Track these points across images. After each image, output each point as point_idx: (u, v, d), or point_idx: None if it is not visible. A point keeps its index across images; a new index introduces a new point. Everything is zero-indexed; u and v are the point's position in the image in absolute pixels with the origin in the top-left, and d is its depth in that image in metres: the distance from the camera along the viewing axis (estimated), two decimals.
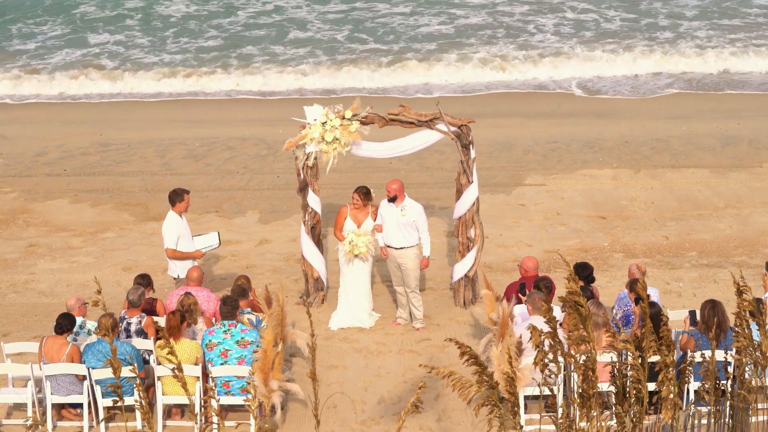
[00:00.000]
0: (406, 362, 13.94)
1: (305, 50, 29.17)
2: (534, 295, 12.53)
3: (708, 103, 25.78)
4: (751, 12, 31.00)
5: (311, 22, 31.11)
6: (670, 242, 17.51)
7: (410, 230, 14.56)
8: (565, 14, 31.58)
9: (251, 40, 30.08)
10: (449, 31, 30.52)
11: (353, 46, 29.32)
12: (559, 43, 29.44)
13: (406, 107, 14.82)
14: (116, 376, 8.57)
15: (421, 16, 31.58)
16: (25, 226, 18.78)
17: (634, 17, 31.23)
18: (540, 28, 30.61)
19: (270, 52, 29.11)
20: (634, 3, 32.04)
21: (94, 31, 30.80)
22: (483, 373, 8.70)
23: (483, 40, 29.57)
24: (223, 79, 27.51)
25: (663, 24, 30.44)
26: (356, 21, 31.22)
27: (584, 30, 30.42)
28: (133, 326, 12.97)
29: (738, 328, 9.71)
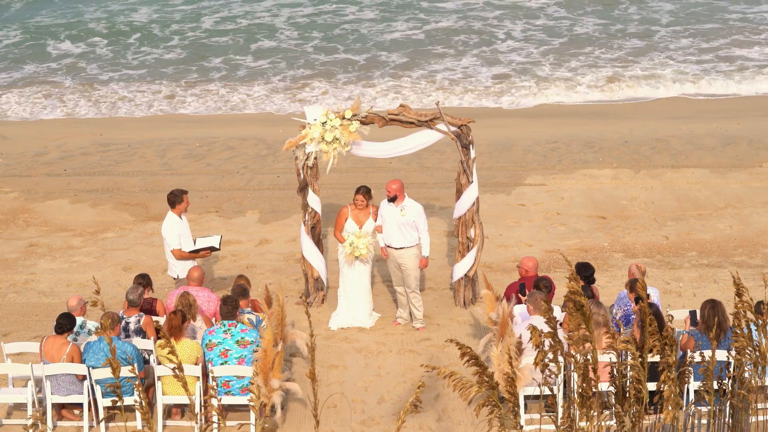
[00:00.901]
0: (406, 362, 13.94)
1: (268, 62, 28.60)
2: (534, 295, 12.53)
3: (708, 104, 25.79)
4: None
5: (281, 29, 30.79)
6: (670, 242, 17.51)
7: (410, 230, 14.56)
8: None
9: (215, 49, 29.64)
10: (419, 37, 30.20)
11: (320, 58, 28.76)
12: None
13: (406, 107, 14.82)
14: (115, 376, 8.56)
15: (393, 22, 31.35)
16: (25, 226, 18.78)
17: (605, 23, 31.06)
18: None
19: (234, 63, 28.50)
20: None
21: (55, 38, 30.30)
22: (483, 374, 8.71)
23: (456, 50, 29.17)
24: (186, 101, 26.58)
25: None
26: (326, 26, 30.95)
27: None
28: (131, 325, 12.98)
29: (737, 329, 9.72)
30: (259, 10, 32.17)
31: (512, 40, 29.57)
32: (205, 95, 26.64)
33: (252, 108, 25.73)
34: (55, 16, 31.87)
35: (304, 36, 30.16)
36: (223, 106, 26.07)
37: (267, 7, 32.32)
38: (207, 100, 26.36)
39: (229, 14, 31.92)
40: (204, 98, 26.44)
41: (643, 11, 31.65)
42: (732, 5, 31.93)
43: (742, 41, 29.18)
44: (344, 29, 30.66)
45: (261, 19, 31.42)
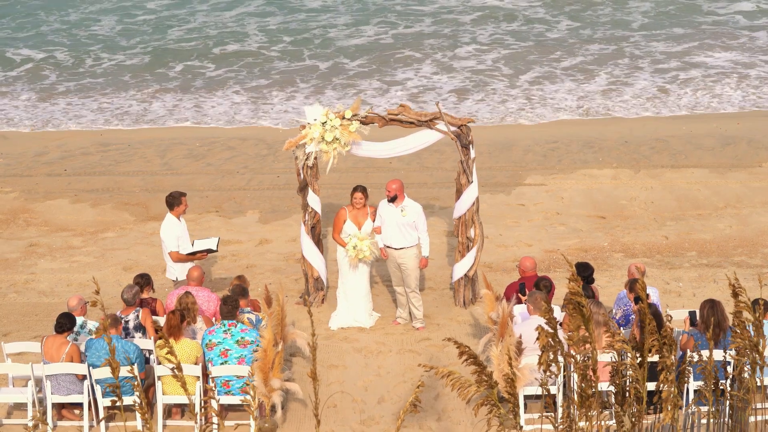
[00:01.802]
0: (406, 362, 13.95)
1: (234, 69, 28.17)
2: (534, 295, 12.54)
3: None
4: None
5: (251, 36, 30.44)
6: (670, 242, 17.52)
7: (410, 230, 14.56)
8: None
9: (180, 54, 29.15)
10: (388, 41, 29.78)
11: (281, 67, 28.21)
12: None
13: (406, 107, 14.82)
14: (115, 376, 8.57)
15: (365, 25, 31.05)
16: (26, 225, 18.79)
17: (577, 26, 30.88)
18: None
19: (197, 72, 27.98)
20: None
21: (13, 46, 29.77)
22: (482, 373, 8.71)
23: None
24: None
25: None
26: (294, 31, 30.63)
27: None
28: (131, 323, 13.00)
29: (737, 328, 9.72)
30: (227, 18, 31.97)
31: (477, 44, 29.23)
32: (165, 102, 26.18)
33: (210, 119, 25.12)
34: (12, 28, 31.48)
35: (272, 40, 29.93)
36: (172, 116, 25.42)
37: (236, 15, 32.08)
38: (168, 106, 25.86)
39: (197, 25, 31.60)
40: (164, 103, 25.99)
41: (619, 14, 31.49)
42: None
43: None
44: (313, 33, 30.41)
45: (230, 27, 31.19)
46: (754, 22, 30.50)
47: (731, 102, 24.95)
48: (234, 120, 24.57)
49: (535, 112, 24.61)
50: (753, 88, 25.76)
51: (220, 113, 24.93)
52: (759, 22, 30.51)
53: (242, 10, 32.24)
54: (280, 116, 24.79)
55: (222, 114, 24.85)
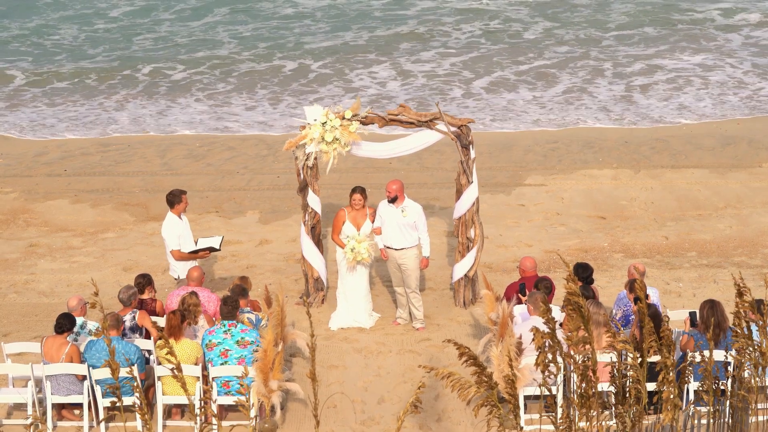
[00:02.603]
0: (406, 362, 13.95)
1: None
2: (534, 295, 12.53)
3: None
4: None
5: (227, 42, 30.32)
6: (670, 242, 17.52)
7: (410, 231, 14.56)
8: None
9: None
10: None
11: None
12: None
13: (406, 107, 14.82)
14: (115, 377, 8.57)
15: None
16: (26, 226, 18.78)
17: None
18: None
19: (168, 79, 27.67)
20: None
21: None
22: (482, 374, 8.71)
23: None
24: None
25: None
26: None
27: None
28: (127, 323, 12.99)
29: (737, 329, 9.72)
30: (197, 24, 31.88)
31: (445, 47, 29.14)
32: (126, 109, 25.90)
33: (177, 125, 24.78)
34: None
35: (247, 47, 29.85)
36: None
37: (206, 23, 31.99)
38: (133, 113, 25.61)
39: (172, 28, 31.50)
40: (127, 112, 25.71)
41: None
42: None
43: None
44: (288, 40, 30.26)
45: (205, 34, 31.12)
46: (729, 22, 30.54)
47: (691, 109, 24.74)
48: (197, 125, 24.46)
49: (484, 122, 23.96)
50: (711, 95, 25.52)
51: (183, 121, 24.75)
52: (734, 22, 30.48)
53: (210, 19, 32.20)
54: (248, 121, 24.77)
55: (187, 123, 24.64)
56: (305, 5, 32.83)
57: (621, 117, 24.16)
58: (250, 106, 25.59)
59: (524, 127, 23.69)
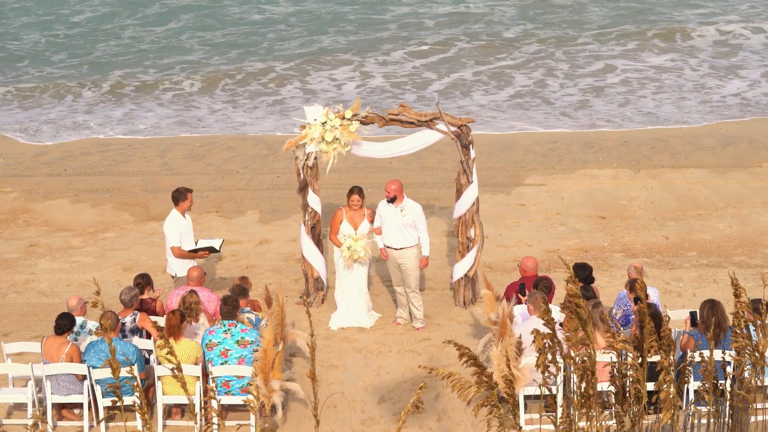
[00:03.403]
0: (406, 362, 13.95)
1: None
2: (534, 295, 12.53)
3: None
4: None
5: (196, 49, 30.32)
6: (670, 242, 17.52)
7: (410, 230, 14.56)
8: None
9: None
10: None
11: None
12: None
13: (406, 107, 14.82)
14: (115, 377, 8.57)
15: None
16: (26, 226, 18.78)
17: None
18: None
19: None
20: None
21: None
22: (482, 374, 8.71)
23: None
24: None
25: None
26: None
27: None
28: (127, 325, 12.99)
29: (737, 329, 9.72)
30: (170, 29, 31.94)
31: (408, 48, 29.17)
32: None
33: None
34: None
35: (220, 52, 29.90)
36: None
37: (177, 28, 31.99)
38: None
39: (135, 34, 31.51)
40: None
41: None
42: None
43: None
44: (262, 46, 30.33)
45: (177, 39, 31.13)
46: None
47: (645, 112, 24.72)
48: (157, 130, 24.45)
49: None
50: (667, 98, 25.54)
51: (149, 124, 24.73)
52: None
53: (175, 26, 32.16)
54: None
55: (152, 128, 24.58)
56: (273, 11, 32.95)
57: (578, 119, 24.30)
58: (215, 109, 25.76)
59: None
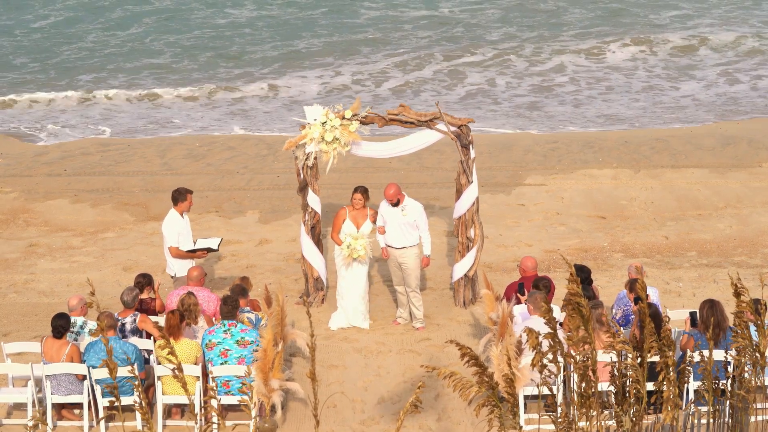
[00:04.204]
0: (406, 362, 13.95)
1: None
2: (534, 295, 12.53)
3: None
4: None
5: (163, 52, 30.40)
6: (670, 242, 17.52)
7: (411, 230, 14.56)
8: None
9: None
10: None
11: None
12: None
13: (406, 107, 14.82)
14: (112, 377, 8.57)
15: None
16: (26, 226, 18.78)
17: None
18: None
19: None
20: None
21: None
22: (483, 374, 8.70)
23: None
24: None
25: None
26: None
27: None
28: (127, 326, 12.98)
29: (737, 328, 9.72)
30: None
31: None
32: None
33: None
34: None
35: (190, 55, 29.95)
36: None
37: (141, 31, 32.00)
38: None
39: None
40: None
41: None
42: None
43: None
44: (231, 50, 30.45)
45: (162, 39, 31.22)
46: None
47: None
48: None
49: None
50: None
51: (113, 124, 24.81)
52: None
53: (138, 29, 32.17)
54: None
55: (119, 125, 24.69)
56: (237, 15, 33.01)
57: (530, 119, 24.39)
58: (184, 106, 25.93)
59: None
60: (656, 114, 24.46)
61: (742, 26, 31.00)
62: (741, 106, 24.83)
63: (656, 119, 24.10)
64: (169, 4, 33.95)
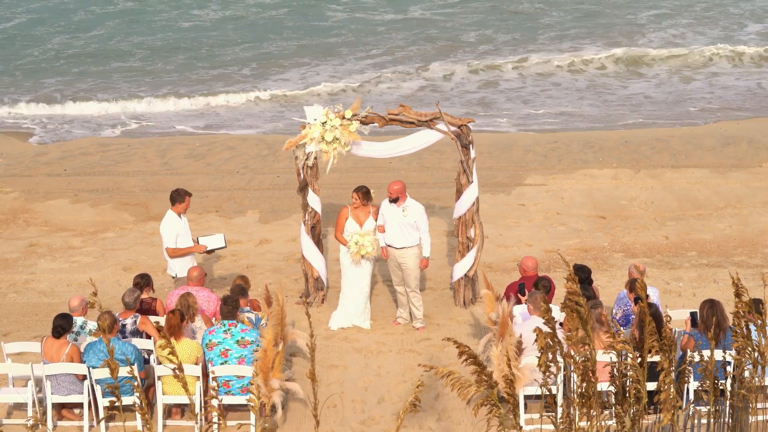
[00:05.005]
0: (406, 362, 13.94)
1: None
2: (534, 295, 12.53)
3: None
4: None
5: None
6: (670, 242, 17.52)
7: (411, 230, 14.56)
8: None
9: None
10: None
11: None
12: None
13: (406, 107, 14.82)
14: (113, 377, 8.57)
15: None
16: (26, 225, 18.78)
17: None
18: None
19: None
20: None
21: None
22: (482, 373, 8.70)
23: None
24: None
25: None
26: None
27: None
28: (128, 327, 12.98)
29: (737, 328, 9.71)
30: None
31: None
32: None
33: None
34: None
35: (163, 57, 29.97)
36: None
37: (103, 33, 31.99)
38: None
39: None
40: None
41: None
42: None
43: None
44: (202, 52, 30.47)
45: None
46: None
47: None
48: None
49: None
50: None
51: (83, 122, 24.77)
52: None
53: (101, 32, 32.12)
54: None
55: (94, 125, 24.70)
56: (202, 16, 33.04)
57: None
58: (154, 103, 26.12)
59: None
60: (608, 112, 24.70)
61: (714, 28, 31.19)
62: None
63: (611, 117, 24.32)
64: (132, 6, 34.00)
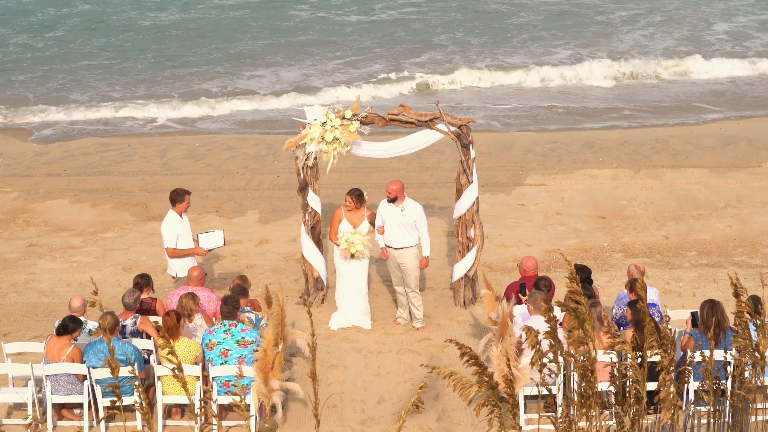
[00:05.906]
0: (406, 362, 13.95)
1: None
2: (535, 295, 12.53)
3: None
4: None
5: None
6: (670, 242, 17.52)
7: (410, 230, 14.56)
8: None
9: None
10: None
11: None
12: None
13: (406, 107, 14.82)
14: (114, 376, 8.57)
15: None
16: (26, 225, 18.78)
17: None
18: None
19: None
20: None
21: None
22: (483, 374, 8.71)
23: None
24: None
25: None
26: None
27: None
28: (128, 328, 12.98)
29: (738, 328, 9.72)
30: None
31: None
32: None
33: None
34: None
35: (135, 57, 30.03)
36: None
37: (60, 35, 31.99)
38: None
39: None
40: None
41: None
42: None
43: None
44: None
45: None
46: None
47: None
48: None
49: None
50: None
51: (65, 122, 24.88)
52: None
53: (58, 33, 32.06)
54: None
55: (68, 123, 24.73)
56: (159, 18, 33.08)
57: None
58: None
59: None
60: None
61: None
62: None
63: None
64: (90, 8, 34.00)
